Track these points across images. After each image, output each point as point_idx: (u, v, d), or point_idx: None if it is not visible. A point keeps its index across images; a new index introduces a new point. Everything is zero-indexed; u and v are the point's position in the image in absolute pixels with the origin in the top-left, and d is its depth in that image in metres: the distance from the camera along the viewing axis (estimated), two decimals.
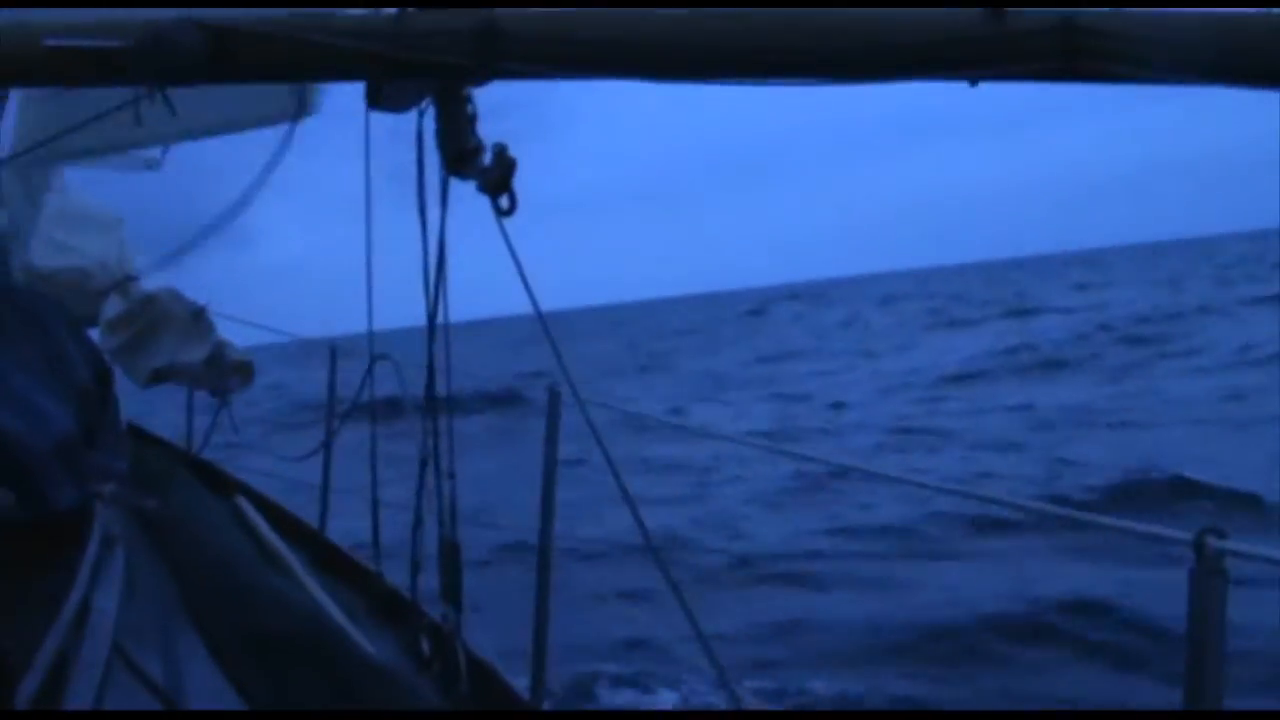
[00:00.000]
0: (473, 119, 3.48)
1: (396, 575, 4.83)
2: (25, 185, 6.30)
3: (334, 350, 6.07)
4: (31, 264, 6.17)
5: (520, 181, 3.36)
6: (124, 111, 3.42)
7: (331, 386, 6.03)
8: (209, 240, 6.06)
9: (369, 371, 5.09)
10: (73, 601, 1.68)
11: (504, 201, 3.47)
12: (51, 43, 2.96)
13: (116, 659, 2.28)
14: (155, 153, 6.59)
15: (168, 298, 6.48)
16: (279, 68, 3.19)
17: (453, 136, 3.45)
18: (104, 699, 1.89)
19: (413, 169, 3.75)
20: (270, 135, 5.89)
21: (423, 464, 4.21)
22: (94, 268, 6.48)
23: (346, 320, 6.10)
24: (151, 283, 6.60)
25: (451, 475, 4.10)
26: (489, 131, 3.48)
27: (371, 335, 5.02)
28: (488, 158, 3.45)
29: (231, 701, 3.11)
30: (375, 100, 3.75)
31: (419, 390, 4.17)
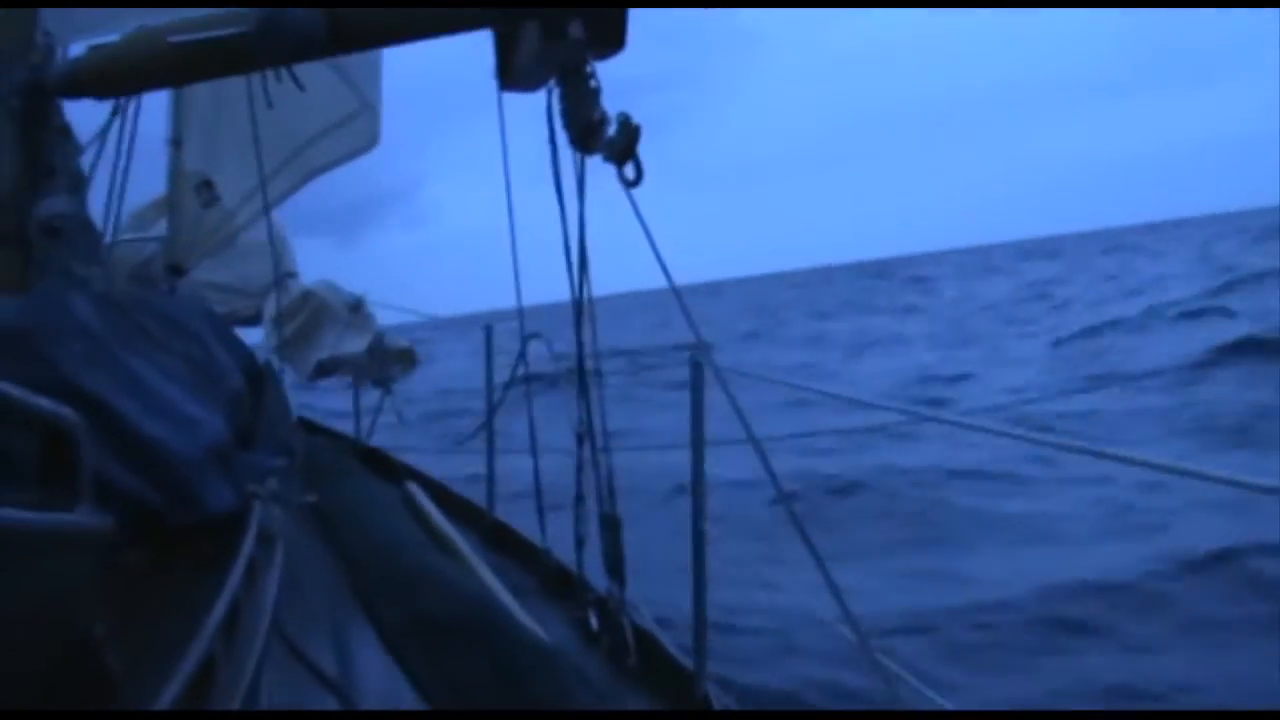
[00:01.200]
0: (597, 92, 3.45)
1: (563, 551, 4.86)
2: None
3: (489, 331, 6.12)
4: (194, 270, 6.36)
5: (681, 152, 3.36)
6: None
7: (489, 367, 6.08)
8: None
9: (522, 352, 5.13)
10: (222, 601, 1.69)
11: (629, 171, 3.43)
12: (176, 39, 3.02)
13: (280, 649, 2.32)
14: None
15: (325, 291, 6.63)
16: (398, 31, 3.22)
17: (577, 111, 3.42)
18: (262, 691, 1.92)
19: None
20: None
21: (579, 440, 4.22)
22: (255, 268, 6.66)
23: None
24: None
25: (607, 450, 4.10)
26: (649, 104, 3.47)
27: (521, 314, 5.04)
28: (613, 129, 3.42)
29: (400, 686, 3.15)
30: (506, 79, 3.75)
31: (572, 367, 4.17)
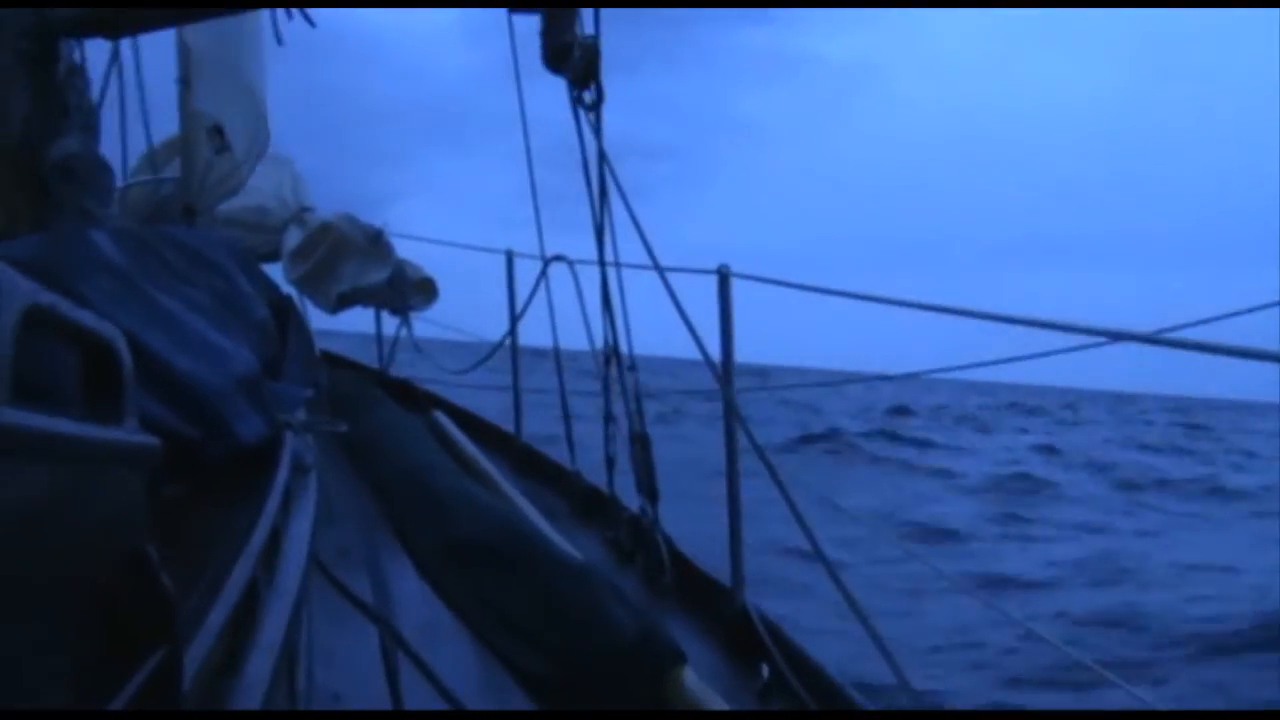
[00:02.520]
0: (574, 15, 3.50)
1: (593, 473, 4.87)
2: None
3: (510, 255, 6.10)
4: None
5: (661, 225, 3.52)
6: None
7: (511, 294, 6.07)
8: None
9: (543, 272, 5.11)
10: (261, 530, 1.69)
11: (587, 96, 3.54)
12: None
13: (319, 578, 2.33)
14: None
15: (344, 223, 6.61)
16: None
17: (555, 31, 3.46)
18: (306, 619, 1.93)
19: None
20: None
21: (605, 360, 4.22)
22: (271, 203, 6.64)
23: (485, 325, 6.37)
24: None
25: (633, 368, 4.10)
26: (640, 170, 3.61)
27: (541, 240, 5.02)
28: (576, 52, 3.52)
29: (437, 611, 3.18)
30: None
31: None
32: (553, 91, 3.74)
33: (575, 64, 3.50)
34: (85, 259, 2.24)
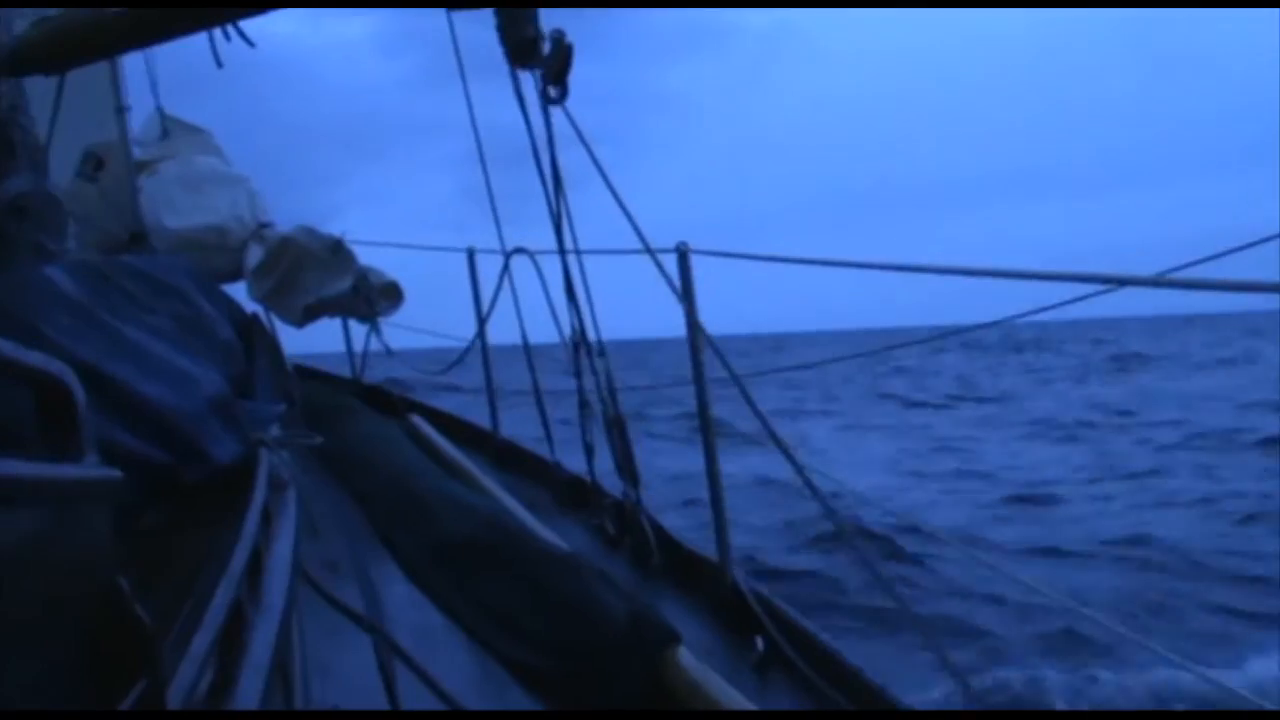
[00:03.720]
0: (532, 11, 3.49)
1: (573, 462, 4.89)
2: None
3: (471, 252, 6.09)
4: (170, 232, 6.32)
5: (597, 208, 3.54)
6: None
7: (475, 289, 6.07)
8: None
9: (505, 266, 5.11)
10: (242, 550, 1.70)
11: (553, 90, 3.53)
12: (120, 10, 2.97)
13: (309, 592, 2.34)
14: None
15: (303, 236, 6.59)
16: None
17: (514, 25, 3.44)
18: (295, 635, 1.94)
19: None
20: None
21: (574, 348, 4.23)
22: (229, 222, 6.62)
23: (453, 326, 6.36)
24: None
25: (603, 353, 4.11)
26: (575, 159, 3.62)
27: (500, 234, 5.01)
28: (547, 47, 3.49)
29: (430, 614, 3.19)
30: None
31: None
32: (487, 90, 3.74)
33: (548, 60, 3.49)
34: (43, 297, 2.24)
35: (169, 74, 6.39)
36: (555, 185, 3.88)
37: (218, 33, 3.32)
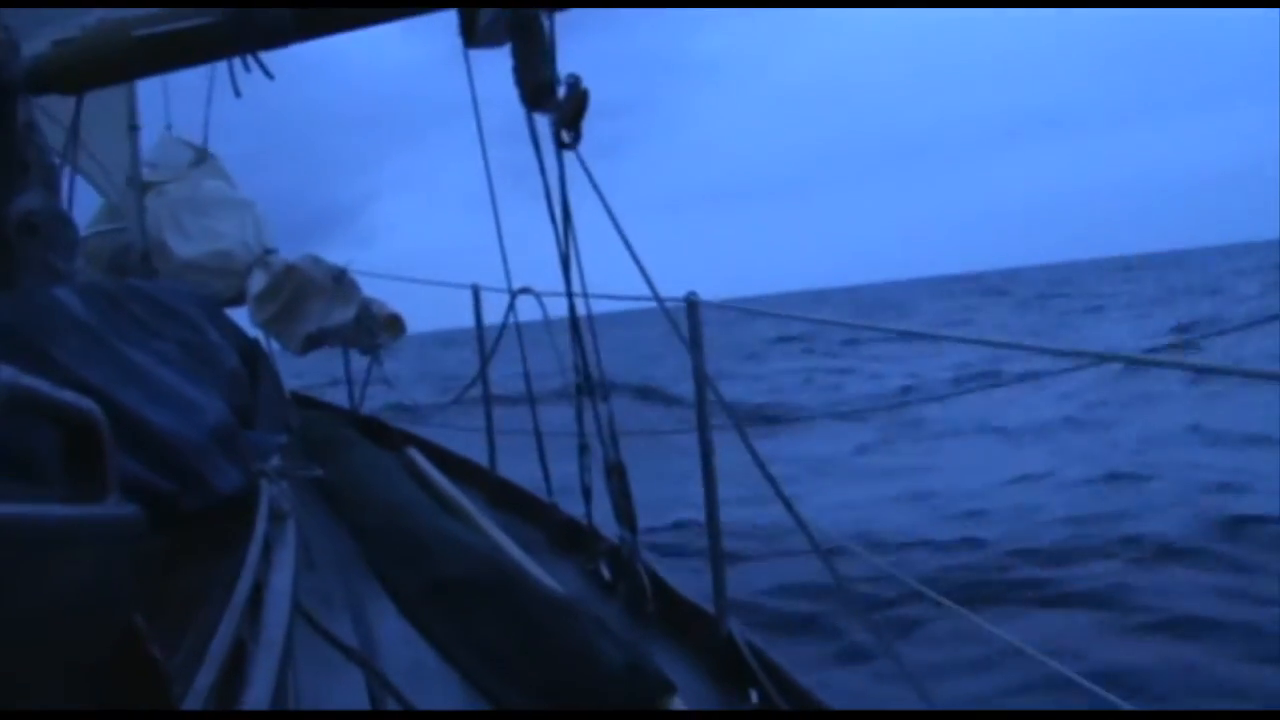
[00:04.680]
0: (549, 53, 3.47)
1: (570, 505, 4.86)
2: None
3: (476, 290, 6.09)
4: (174, 254, 6.33)
5: (629, 180, 3.47)
6: None
7: (479, 324, 6.06)
8: None
9: (511, 303, 5.10)
10: (244, 583, 1.68)
11: (566, 135, 3.52)
12: (142, 33, 2.98)
13: (303, 627, 2.32)
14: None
15: (308, 264, 6.61)
16: (364, 12, 3.18)
17: (529, 68, 3.43)
18: (291, 671, 1.91)
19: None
20: None
21: (578, 391, 4.21)
22: (235, 247, 6.63)
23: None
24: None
25: (606, 399, 4.09)
26: (603, 130, 3.56)
27: (508, 271, 5.00)
28: (562, 91, 3.47)
29: (423, 652, 3.16)
30: (470, 37, 3.74)
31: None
32: (499, 72, 3.70)
33: (562, 105, 3.47)
34: (53, 319, 2.23)
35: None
36: (565, 225, 3.87)
37: (237, 62, 3.32)
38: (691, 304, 3.63)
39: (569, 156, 3.71)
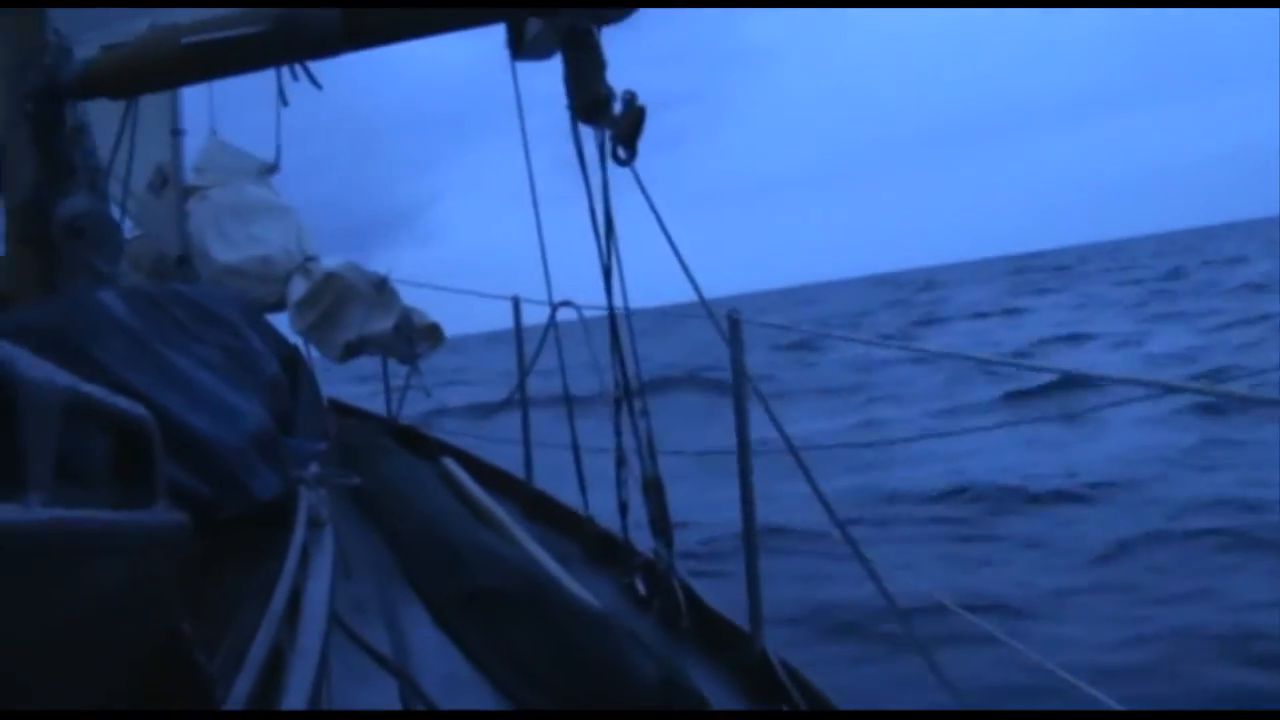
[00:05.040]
0: (602, 66, 3.44)
1: (606, 518, 4.84)
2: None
3: (517, 301, 6.09)
4: (215, 259, 6.36)
5: (688, 171, 3.43)
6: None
7: (518, 337, 6.06)
8: None
9: (552, 317, 5.08)
10: (282, 590, 1.68)
11: (622, 152, 3.47)
12: (190, 40, 3.00)
13: (339, 634, 2.32)
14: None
15: (349, 272, 6.62)
16: (411, 25, 3.19)
17: (582, 83, 3.41)
18: (327, 678, 1.91)
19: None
20: None
21: (617, 404, 4.19)
22: (276, 253, 6.66)
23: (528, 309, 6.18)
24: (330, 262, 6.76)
25: (645, 414, 4.07)
26: (656, 123, 3.50)
27: (549, 281, 4.99)
28: (618, 106, 3.43)
29: (457, 662, 3.15)
30: (518, 49, 3.73)
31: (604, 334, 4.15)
32: (552, 68, 3.66)
33: (618, 121, 3.43)
34: (97, 322, 2.24)
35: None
36: (608, 239, 3.85)
37: (285, 71, 3.34)
38: (733, 321, 3.61)
39: (615, 168, 3.69)
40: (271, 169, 6.93)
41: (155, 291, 2.80)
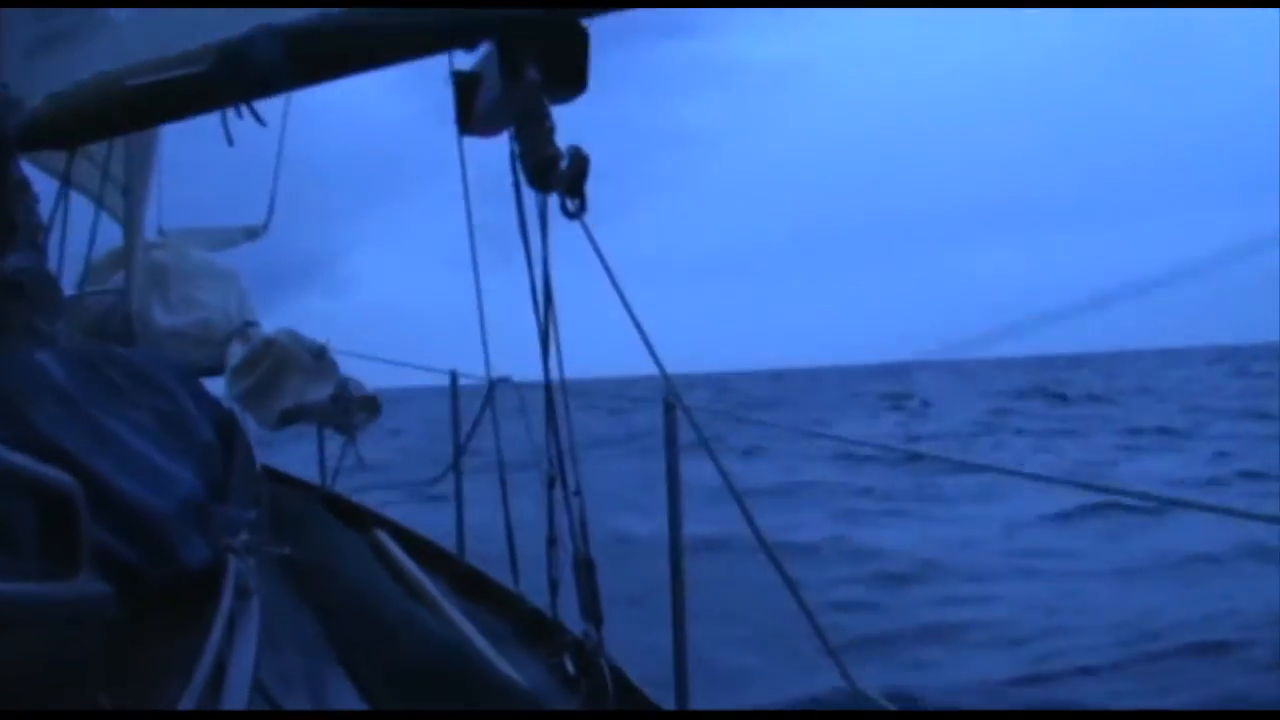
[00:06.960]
0: (551, 131, 3.46)
1: (536, 595, 4.81)
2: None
3: (454, 375, 6.09)
4: (156, 321, 6.31)
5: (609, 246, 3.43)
6: None
7: (454, 412, 6.05)
8: None
9: (489, 395, 5.09)
10: (206, 661, 1.67)
11: (571, 204, 3.48)
12: (134, 82, 3.00)
13: (262, 706, 2.29)
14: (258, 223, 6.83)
15: (287, 339, 6.58)
16: (357, 58, 3.19)
17: (534, 151, 3.43)
18: None
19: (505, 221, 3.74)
20: None
21: (550, 482, 4.19)
22: (216, 316, 6.61)
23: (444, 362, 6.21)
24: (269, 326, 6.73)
25: (578, 493, 4.07)
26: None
27: (488, 358, 5.00)
28: (565, 163, 3.46)
29: None
30: (466, 124, 3.75)
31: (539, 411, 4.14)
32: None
33: (563, 177, 3.44)
34: (33, 383, 2.23)
35: None
36: (546, 307, 3.85)
37: (230, 111, 3.34)
38: (670, 406, 3.63)
39: (554, 235, 3.69)
40: (258, 232, 6.94)
41: (92, 352, 2.79)
